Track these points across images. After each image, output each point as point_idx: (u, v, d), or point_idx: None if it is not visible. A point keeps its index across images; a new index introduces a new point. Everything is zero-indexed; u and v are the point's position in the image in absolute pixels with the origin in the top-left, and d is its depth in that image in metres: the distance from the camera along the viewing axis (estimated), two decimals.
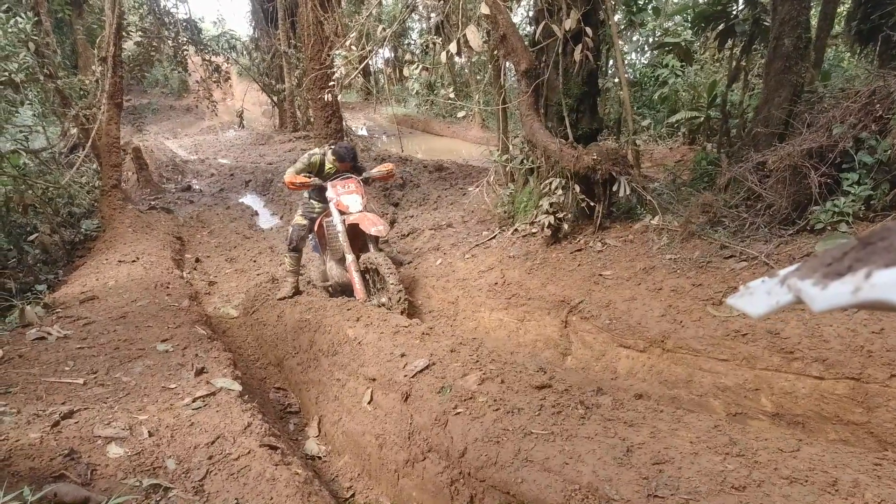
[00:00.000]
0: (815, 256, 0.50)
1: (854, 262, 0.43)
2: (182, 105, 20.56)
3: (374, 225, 4.02)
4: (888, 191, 3.12)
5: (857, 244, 0.45)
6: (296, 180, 4.25)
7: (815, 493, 1.40)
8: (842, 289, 0.41)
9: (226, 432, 2.10)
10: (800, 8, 4.00)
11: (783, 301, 0.49)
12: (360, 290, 4.13)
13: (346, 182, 4.36)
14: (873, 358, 2.30)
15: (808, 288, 0.45)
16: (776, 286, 0.51)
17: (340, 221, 4.26)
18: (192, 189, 9.98)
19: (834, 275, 0.43)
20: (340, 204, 4.26)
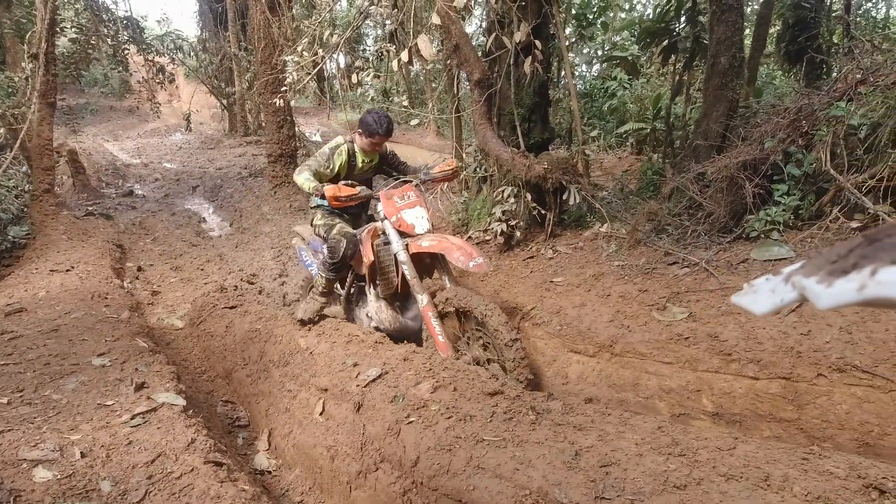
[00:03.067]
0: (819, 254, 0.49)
1: (860, 259, 0.42)
2: (123, 106, 19.61)
3: (469, 257, 2.81)
4: (814, 201, 3.34)
5: (862, 241, 0.45)
6: (341, 194, 3.02)
7: (749, 489, 1.47)
8: (847, 286, 0.41)
9: (167, 450, 2.00)
10: (734, 29, 4.25)
11: (787, 299, 0.49)
12: (445, 343, 2.92)
13: (403, 191, 3.22)
14: (802, 358, 2.45)
15: (812, 286, 0.44)
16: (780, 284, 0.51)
17: (403, 248, 3.08)
18: (134, 194, 9.53)
19: (839, 272, 0.43)
20: (403, 223, 3.09)
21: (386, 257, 3.23)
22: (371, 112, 3.33)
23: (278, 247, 6.62)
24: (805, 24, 7.24)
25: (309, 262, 3.98)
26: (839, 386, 2.33)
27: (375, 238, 3.30)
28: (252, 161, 12.02)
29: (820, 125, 3.28)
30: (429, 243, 3.01)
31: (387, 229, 3.17)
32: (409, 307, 3.42)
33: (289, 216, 7.70)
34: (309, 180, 3.20)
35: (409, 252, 3.08)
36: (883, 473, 1.45)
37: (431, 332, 2.97)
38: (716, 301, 2.99)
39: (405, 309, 3.43)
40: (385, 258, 3.23)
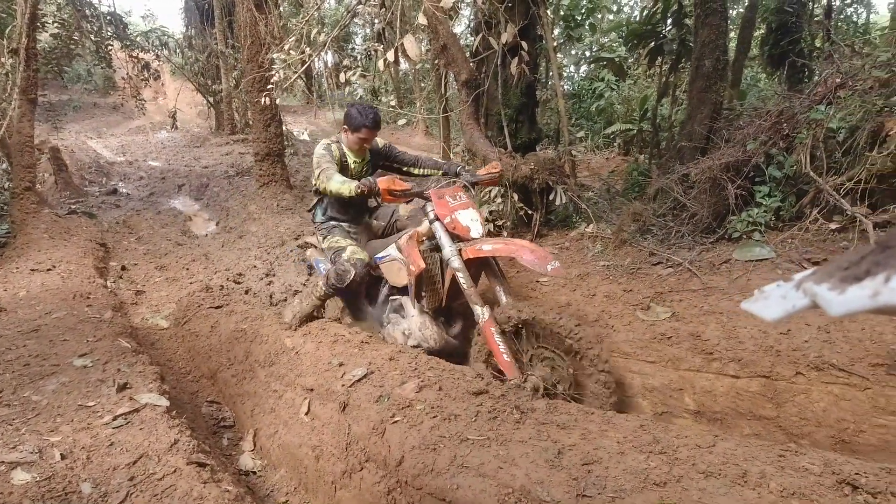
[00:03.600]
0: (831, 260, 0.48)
1: (872, 265, 0.41)
2: (107, 103, 19.32)
3: (545, 260, 2.51)
4: (794, 203, 3.40)
5: (875, 248, 0.44)
6: (395, 187, 2.75)
7: (727, 486, 1.50)
8: (860, 293, 0.40)
9: (150, 451, 1.98)
10: (717, 32, 4.31)
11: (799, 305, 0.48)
12: (510, 363, 2.59)
13: (454, 191, 2.93)
14: (781, 357, 2.50)
15: (824, 292, 0.44)
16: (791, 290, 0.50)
17: (456, 253, 2.75)
18: (118, 192, 9.40)
19: (852, 279, 0.42)
20: (458, 225, 2.78)
21: (433, 265, 2.94)
22: (354, 105, 3.10)
23: (265, 246, 6.58)
24: (787, 28, 7.37)
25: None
26: (817, 384, 2.37)
27: (420, 243, 2.96)
28: (239, 159, 11.92)
29: (800, 128, 3.34)
30: (492, 247, 2.67)
31: (438, 232, 2.83)
32: (452, 322, 3.18)
33: (276, 215, 7.64)
34: (348, 181, 2.87)
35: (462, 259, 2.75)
36: (856, 470, 1.48)
37: (494, 351, 2.62)
38: (698, 301, 3.03)
39: (449, 324, 3.17)
40: (433, 266, 2.93)
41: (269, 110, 7.46)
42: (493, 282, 2.88)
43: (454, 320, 3.20)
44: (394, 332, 3.25)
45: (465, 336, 3.08)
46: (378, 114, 3.10)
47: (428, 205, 2.89)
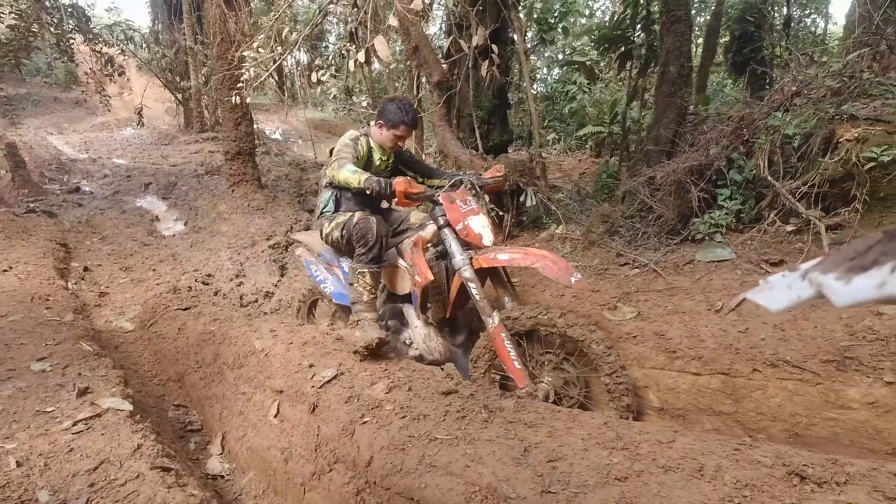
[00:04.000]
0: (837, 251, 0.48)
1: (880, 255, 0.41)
2: (70, 98, 18.67)
3: (568, 272, 2.42)
4: (754, 205, 3.52)
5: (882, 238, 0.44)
6: (412, 190, 2.59)
7: (685, 479, 1.55)
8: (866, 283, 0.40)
9: (111, 456, 1.94)
10: (682, 40, 4.44)
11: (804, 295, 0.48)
12: (521, 370, 2.51)
13: (464, 195, 2.78)
14: (740, 354, 2.59)
15: (830, 282, 0.44)
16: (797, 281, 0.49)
17: (468, 262, 2.63)
18: (80, 191, 9.11)
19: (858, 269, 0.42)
20: (470, 232, 2.64)
21: (440, 274, 2.81)
22: (394, 100, 2.92)
23: (235, 247, 6.47)
24: (750, 36, 7.62)
25: (321, 277, 3.39)
26: (772, 380, 2.47)
27: (424, 250, 2.83)
28: (209, 158, 11.68)
29: (759, 134, 3.47)
30: (509, 256, 2.54)
31: (447, 239, 2.69)
32: (456, 333, 3.09)
33: (247, 215, 7.52)
34: (360, 171, 2.69)
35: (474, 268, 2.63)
36: (804, 461, 1.55)
37: (504, 357, 2.53)
38: (663, 301, 3.12)
39: (453, 334, 3.07)
40: (439, 275, 2.81)
41: (240, 108, 7.33)
42: (500, 290, 2.80)
43: (459, 330, 3.12)
44: (394, 342, 3.12)
45: (470, 346, 3.00)
46: (417, 112, 2.96)
47: (437, 209, 2.74)
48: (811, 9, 10.41)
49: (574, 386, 2.60)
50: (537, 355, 2.65)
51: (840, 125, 3.09)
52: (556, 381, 2.58)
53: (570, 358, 2.60)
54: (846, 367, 2.29)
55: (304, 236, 3.74)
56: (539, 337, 2.64)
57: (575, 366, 2.58)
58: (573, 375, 2.60)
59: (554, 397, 2.54)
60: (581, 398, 2.58)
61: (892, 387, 2.17)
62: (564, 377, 2.60)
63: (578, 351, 2.51)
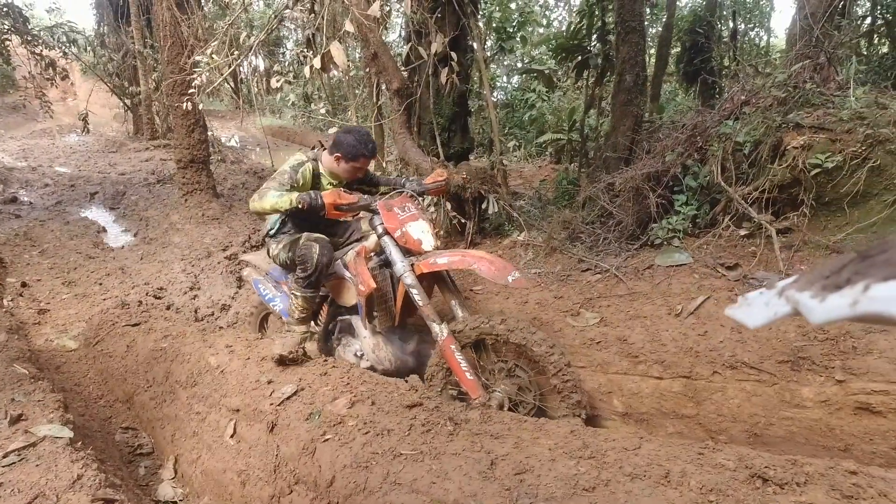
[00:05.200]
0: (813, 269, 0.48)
1: (853, 274, 0.42)
2: (6, 103, 17.64)
3: (505, 271, 2.43)
4: (709, 211, 3.63)
5: (855, 258, 0.44)
6: (342, 201, 2.57)
7: (651, 486, 1.55)
8: (840, 301, 0.41)
9: (47, 489, 1.79)
10: (636, 49, 4.56)
11: (781, 312, 0.49)
12: (474, 381, 2.50)
13: (403, 201, 2.79)
14: (700, 357, 2.64)
15: (806, 300, 0.44)
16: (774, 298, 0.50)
17: (409, 269, 2.63)
18: (18, 201, 8.55)
19: (832, 287, 0.43)
20: (409, 238, 2.65)
21: (384, 282, 2.80)
22: (350, 131, 2.82)
23: (189, 258, 6.21)
24: (699, 47, 7.92)
25: (269, 295, 3.39)
26: (731, 382, 2.53)
27: (368, 259, 2.83)
28: (160, 166, 11.23)
29: (712, 141, 3.58)
30: (448, 259, 2.55)
31: (387, 247, 2.69)
32: (407, 340, 3.07)
33: (201, 226, 7.25)
34: (282, 196, 2.63)
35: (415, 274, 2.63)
36: (766, 463, 1.57)
37: (456, 370, 2.51)
38: (625, 306, 3.16)
39: (404, 342, 3.04)
40: (383, 283, 2.80)
41: (193, 115, 7.07)
42: (448, 296, 2.78)
43: (408, 337, 3.09)
44: (345, 355, 3.11)
45: (421, 353, 2.99)
46: (374, 142, 2.92)
47: (376, 218, 2.74)
48: (755, 22, 10.95)
49: (528, 391, 2.58)
50: (489, 364, 2.63)
51: (787, 133, 3.22)
52: (509, 389, 2.56)
53: (518, 363, 2.58)
54: (800, 367, 2.37)
55: (252, 257, 3.70)
56: (487, 346, 2.62)
57: (525, 370, 2.56)
58: (525, 380, 2.57)
59: (509, 405, 2.52)
60: (537, 402, 2.57)
61: (843, 385, 2.25)
62: (517, 383, 2.58)
63: (524, 354, 2.50)
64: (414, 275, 2.62)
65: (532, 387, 2.57)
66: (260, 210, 2.73)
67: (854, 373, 2.24)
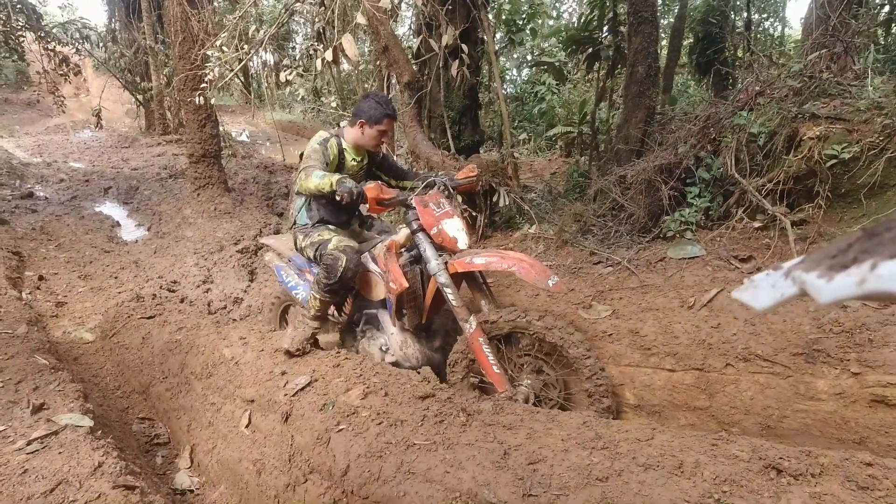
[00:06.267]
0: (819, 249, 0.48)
1: (859, 253, 0.42)
2: (21, 99, 17.87)
3: (545, 275, 2.38)
4: (722, 203, 3.59)
5: (861, 236, 0.44)
6: (384, 196, 2.52)
7: (665, 477, 1.55)
8: (847, 280, 0.41)
9: (70, 476, 1.83)
10: (649, 40, 4.51)
11: (788, 293, 0.48)
12: (500, 375, 2.48)
13: (437, 197, 2.72)
14: (713, 350, 2.63)
15: (813, 280, 0.44)
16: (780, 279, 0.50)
17: (443, 268, 2.58)
18: (34, 196, 8.68)
19: (839, 266, 0.42)
20: (444, 236, 2.58)
21: (414, 279, 2.76)
22: (368, 96, 2.84)
23: (202, 252, 6.28)
24: (713, 38, 7.82)
25: (292, 283, 3.34)
26: (745, 374, 2.51)
27: (398, 255, 2.78)
28: (172, 161, 11.33)
29: (725, 132, 3.54)
30: (485, 260, 2.48)
31: (422, 243, 2.64)
32: (433, 338, 3.05)
33: (213, 220, 7.32)
34: (324, 177, 2.59)
35: (450, 273, 2.57)
36: (780, 454, 1.57)
37: (483, 363, 2.48)
38: (636, 298, 3.15)
39: (430, 339, 3.03)
40: (413, 281, 2.76)
41: (204, 110, 7.13)
42: (477, 295, 2.75)
43: (435, 335, 3.08)
44: (370, 348, 3.08)
45: (447, 351, 2.96)
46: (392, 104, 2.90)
47: (410, 213, 2.68)
48: (769, 12, 10.78)
49: (553, 388, 2.58)
50: (515, 358, 2.61)
51: (802, 123, 3.18)
52: (535, 385, 2.55)
53: (548, 360, 2.57)
54: (814, 360, 2.34)
55: (274, 241, 3.64)
56: (517, 340, 2.61)
57: (554, 368, 2.55)
58: (552, 378, 2.56)
59: (534, 400, 2.51)
60: (561, 400, 2.57)
61: (858, 378, 2.23)
62: (544, 380, 2.57)
63: (557, 353, 2.48)
64: (448, 274, 2.58)
65: (558, 384, 2.55)
66: (305, 189, 2.72)
67: (870, 365, 2.21)
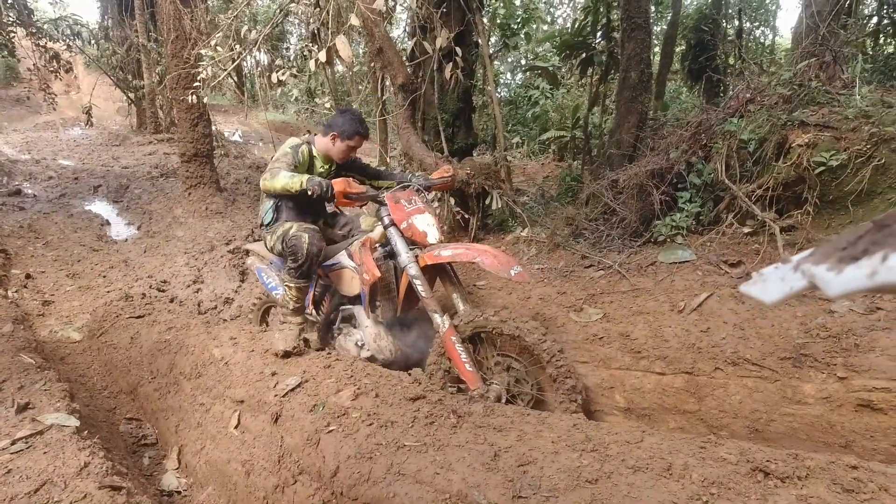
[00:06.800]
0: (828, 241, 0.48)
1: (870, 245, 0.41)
2: (10, 95, 17.64)
3: (507, 265, 2.46)
4: (712, 208, 3.63)
5: (872, 227, 0.44)
6: (351, 189, 2.62)
7: (653, 479, 1.56)
8: (857, 273, 0.40)
9: (55, 476, 1.81)
10: (642, 46, 4.55)
11: (797, 287, 0.48)
12: (473, 373, 2.50)
13: (409, 195, 2.83)
14: (702, 354, 2.65)
15: (822, 273, 0.44)
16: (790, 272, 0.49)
17: (413, 260, 2.67)
18: (22, 193, 8.58)
19: (849, 259, 0.42)
20: (414, 230, 2.67)
21: (388, 273, 2.86)
22: (345, 112, 2.97)
23: (193, 252, 6.23)
24: (704, 45, 7.90)
25: (273, 284, 3.45)
26: (733, 378, 2.54)
27: (373, 250, 2.86)
28: (164, 160, 11.25)
29: (716, 139, 3.58)
30: (451, 252, 2.58)
31: (393, 237, 2.75)
32: (407, 331, 3.11)
33: (204, 219, 7.27)
34: (293, 177, 2.71)
35: (419, 265, 2.67)
36: (767, 457, 1.58)
37: (456, 361, 2.53)
38: (627, 302, 3.17)
39: (404, 333, 3.09)
40: (387, 274, 2.86)
41: (197, 108, 7.09)
42: (450, 288, 2.81)
43: (409, 329, 3.13)
44: (346, 344, 3.14)
45: (421, 345, 3.02)
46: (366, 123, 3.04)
47: (382, 209, 2.80)
48: (760, 21, 10.90)
49: (526, 382, 2.60)
50: (487, 360, 2.65)
51: (792, 131, 3.22)
52: (507, 381, 2.58)
53: (515, 356, 2.61)
54: (802, 364, 2.37)
55: (255, 246, 3.71)
56: (484, 340, 2.66)
57: (520, 361, 2.59)
58: (522, 373, 2.60)
59: (507, 397, 2.54)
60: (534, 393, 2.59)
61: (844, 382, 2.26)
62: (514, 376, 2.61)
63: (519, 345, 2.53)
64: (418, 266, 2.66)
65: (529, 377, 2.60)
66: (271, 189, 2.82)
67: (856, 370, 2.24)
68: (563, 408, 2.43)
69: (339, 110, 3.00)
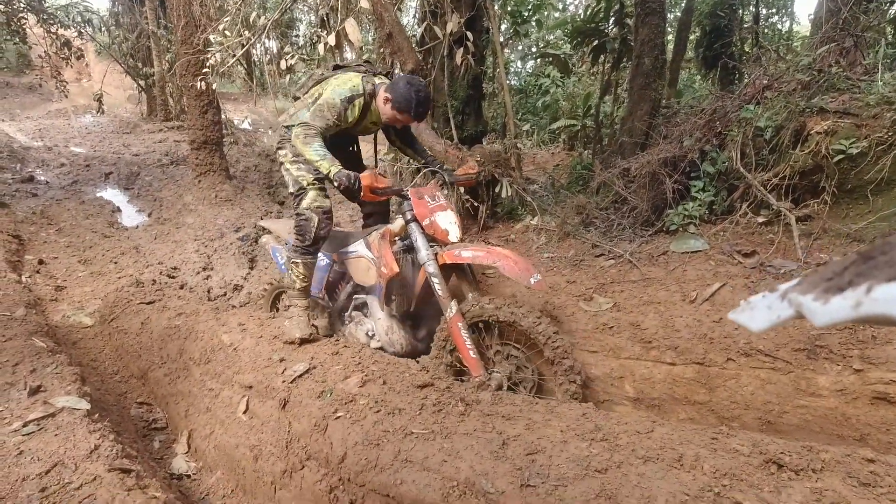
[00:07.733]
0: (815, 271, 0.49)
1: (855, 276, 0.42)
2: (22, 83, 17.76)
3: (528, 272, 2.43)
4: (726, 197, 3.56)
5: (857, 259, 0.44)
6: (378, 185, 2.53)
7: (664, 469, 1.54)
8: (843, 303, 0.41)
9: (66, 458, 1.82)
10: (656, 32, 4.45)
11: (784, 315, 0.48)
12: (476, 360, 2.50)
13: (432, 190, 2.78)
14: (714, 344, 2.61)
15: (808, 303, 0.44)
16: (777, 301, 0.50)
17: (433, 258, 2.64)
18: (35, 180, 8.65)
19: (835, 289, 0.42)
20: (437, 228, 2.64)
21: (406, 267, 2.84)
22: (412, 83, 2.63)
23: (202, 239, 6.26)
24: (720, 31, 7.74)
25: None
26: (746, 369, 2.50)
27: (392, 243, 2.84)
28: (174, 147, 11.28)
29: (731, 126, 3.50)
30: (472, 254, 2.56)
31: (414, 233, 2.71)
32: (419, 326, 3.10)
33: (214, 207, 7.29)
34: (324, 160, 2.56)
35: (438, 263, 2.63)
36: (781, 449, 1.56)
37: (461, 348, 2.54)
38: (638, 291, 3.13)
39: (416, 327, 3.09)
40: (405, 268, 2.84)
41: (206, 96, 7.08)
42: (465, 286, 2.80)
43: (421, 323, 3.12)
44: (356, 332, 3.14)
45: (432, 339, 2.98)
46: (429, 106, 2.76)
47: (405, 203, 2.75)
48: (777, 7, 10.66)
49: (526, 368, 2.60)
50: (489, 350, 2.65)
51: (810, 118, 3.14)
52: (508, 369, 2.58)
53: (510, 342, 2.61)
54: (816, 356, 2.33)
55: (272, 223, 3.66)
56: (482, 330, 2.65)
57: (518, 348, 2.59)
58: (522, 360, 2.60)
59: (509, 384, 2.54)
60: (535, 379, 2.58)
61: (860, 374, 2.22)
62: (515, 363, 2.61)
63: (516, 331, 2.53)
64: (437, 264, 2.64)
65: (529, 363, 2.60)
66: (302, 152, 2.66)
67: (872, 362, 2.20)
68: (563, 389, 2.42)
69: (408, 79, 2.67)
